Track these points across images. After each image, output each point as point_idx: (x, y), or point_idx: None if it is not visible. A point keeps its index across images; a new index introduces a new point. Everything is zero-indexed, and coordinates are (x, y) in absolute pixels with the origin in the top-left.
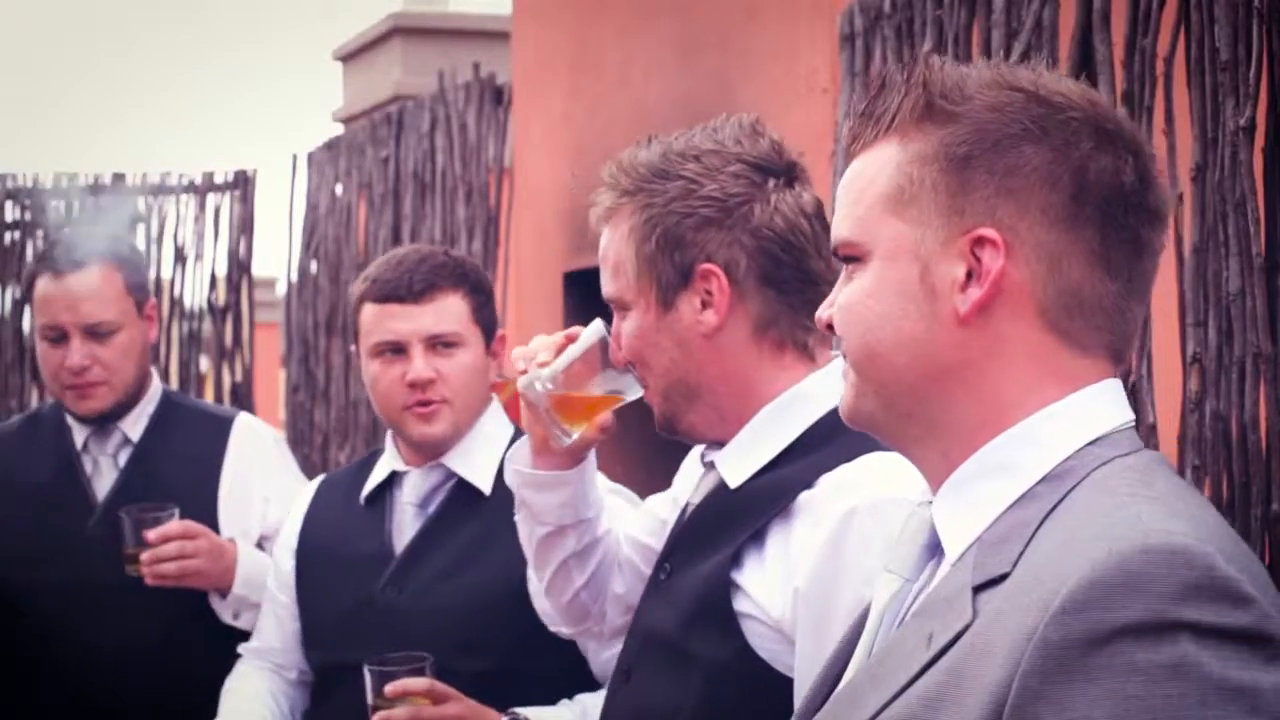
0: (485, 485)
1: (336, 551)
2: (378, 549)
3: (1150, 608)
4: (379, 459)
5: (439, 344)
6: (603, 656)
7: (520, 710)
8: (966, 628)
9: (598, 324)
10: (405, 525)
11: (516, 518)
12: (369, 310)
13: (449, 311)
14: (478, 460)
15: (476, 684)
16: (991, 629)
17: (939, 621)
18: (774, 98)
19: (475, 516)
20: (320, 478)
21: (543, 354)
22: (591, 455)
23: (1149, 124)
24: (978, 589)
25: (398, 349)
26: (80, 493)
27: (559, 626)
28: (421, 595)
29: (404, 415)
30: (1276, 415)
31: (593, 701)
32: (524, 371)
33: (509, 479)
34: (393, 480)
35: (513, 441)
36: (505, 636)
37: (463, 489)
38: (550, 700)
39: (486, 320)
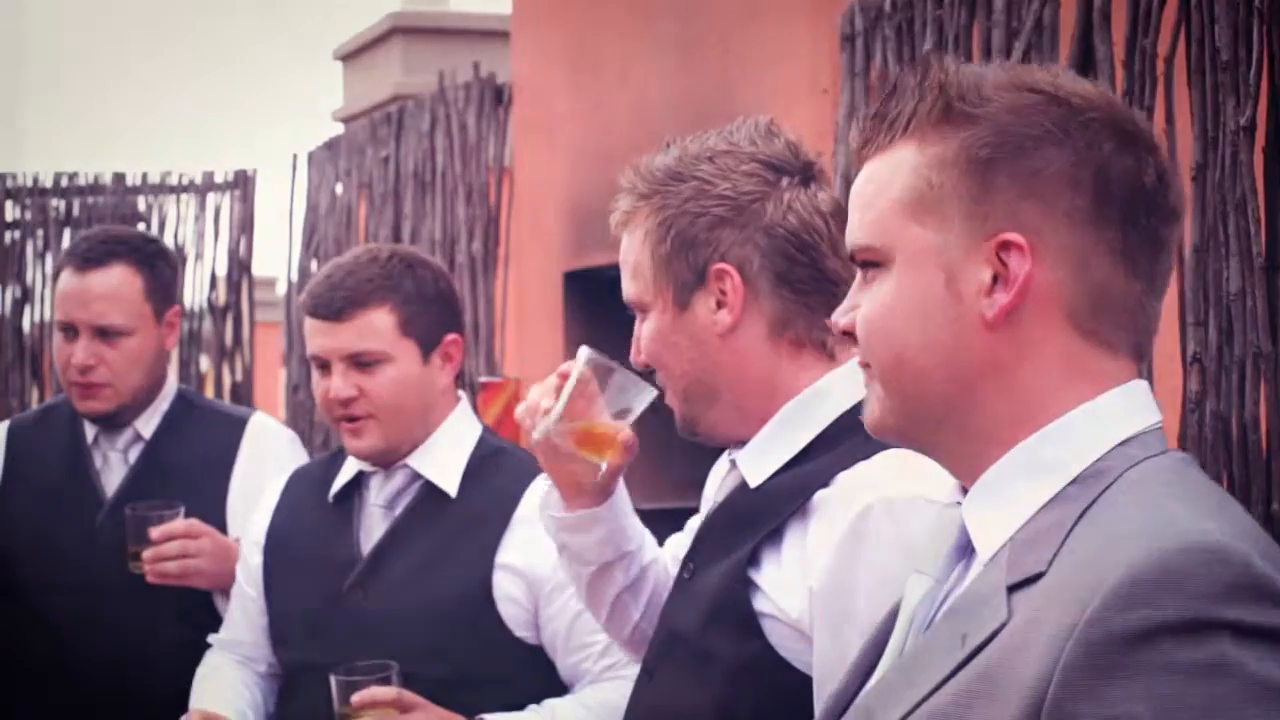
0: (451, 487)
1: (304, 550)
2: (345, 550)
3: (1189, 606)
4: (348, 455)
5: (360, 362)
6: (568, 662)
7: (488, 716)
8: (1002, 626)
9: (583, 352)
10: (373, 527)
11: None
12: (306, 322)
13: (371, 329)
14: (443, 461)
15: (441, 689)
16: (1028, 627)
17: (973, 621)
18: (774, 98)
19: (441, 519)
20: (290, 471)
21: (544, 401)
22: (621, 487)
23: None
24: (1012, 588)
25: (323, 364)
26: (89, 488)
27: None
28: (387, 598)
29: (336, 427)
30: (1276, 415)
31: (561, 706)
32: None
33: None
34: (360, 480)
35: (480, 441)
36: (470, 641)
37: (429, 491)
38: (516, 705)
39: (422, 329)
